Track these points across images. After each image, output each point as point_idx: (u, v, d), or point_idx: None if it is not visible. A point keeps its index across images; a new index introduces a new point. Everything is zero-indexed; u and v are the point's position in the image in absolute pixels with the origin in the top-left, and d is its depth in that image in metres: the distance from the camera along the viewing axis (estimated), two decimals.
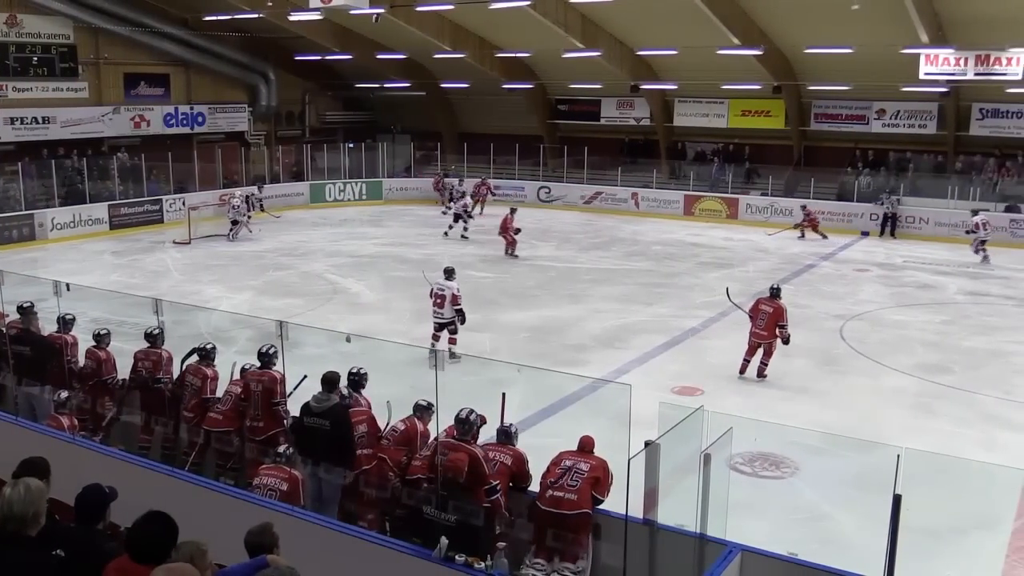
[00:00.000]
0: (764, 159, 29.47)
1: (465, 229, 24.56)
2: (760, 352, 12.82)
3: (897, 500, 4.98)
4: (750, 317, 12.95)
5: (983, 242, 22.02)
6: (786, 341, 12.73)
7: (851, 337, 15.00)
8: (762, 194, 28.52)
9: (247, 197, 25.55)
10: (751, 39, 24.46)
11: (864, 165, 27.93)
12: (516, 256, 21.89)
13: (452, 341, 13.64)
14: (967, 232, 22.75)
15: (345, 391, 7.80)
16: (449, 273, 14.06)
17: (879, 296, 18.29)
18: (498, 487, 6.69)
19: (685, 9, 22.92)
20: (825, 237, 24.85)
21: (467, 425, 6.91)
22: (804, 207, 25.73)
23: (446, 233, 24.69)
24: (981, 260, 21.85)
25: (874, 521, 5.22)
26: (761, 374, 12.80)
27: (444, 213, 27.22)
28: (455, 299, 13.63)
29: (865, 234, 25.72)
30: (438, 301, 13.73)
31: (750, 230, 26.55)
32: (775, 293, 13.02)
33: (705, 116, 30.29)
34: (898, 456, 4.82)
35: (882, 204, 25.68)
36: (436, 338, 13.74)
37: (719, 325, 15.84)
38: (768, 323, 12.68)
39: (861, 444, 9.14)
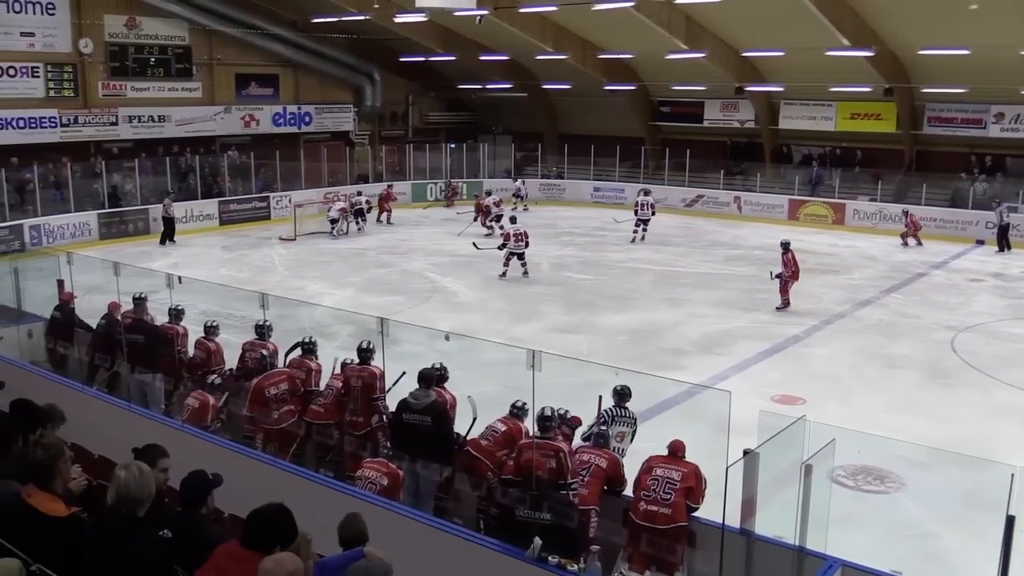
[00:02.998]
0: (874, 163, 28.63)
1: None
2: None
3: (1010, 521, 4.79)
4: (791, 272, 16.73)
5: (645, 222, 24.49)
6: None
7: (963, 349, 14.44)
8: (871, 199, 27.70)
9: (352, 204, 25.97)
10: (862, 40, 23.78)
11: (980, 171, 26.85)
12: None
13: (525, 263, 19.45)
14: (634, 211, 24.90)
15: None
16: (513, 219, 20.59)
17: (994, 307, 17.55)
18: (574, 485, 6.67)
19: (793, 9, 22.42)
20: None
21: (548, 422, 6.92)
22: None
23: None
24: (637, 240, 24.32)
25: (984, 542, 5.03)
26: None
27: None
28: (528, 234, 19.44)
29: (980, 243, 24.65)
30: (519, 237, 19.22)
31: (857, 236, 25.81)
32: (787, 247, 17.07)
33: (812, 119, 29.57)
34: (1012, 475, 4.62)
35: (998, 212, 24.27)
36: (508, 264, 19.34)
37: (822, 333, 15.47)
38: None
39: (971, 461, 8.77)
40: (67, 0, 25.52)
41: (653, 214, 24.83)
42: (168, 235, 23.95)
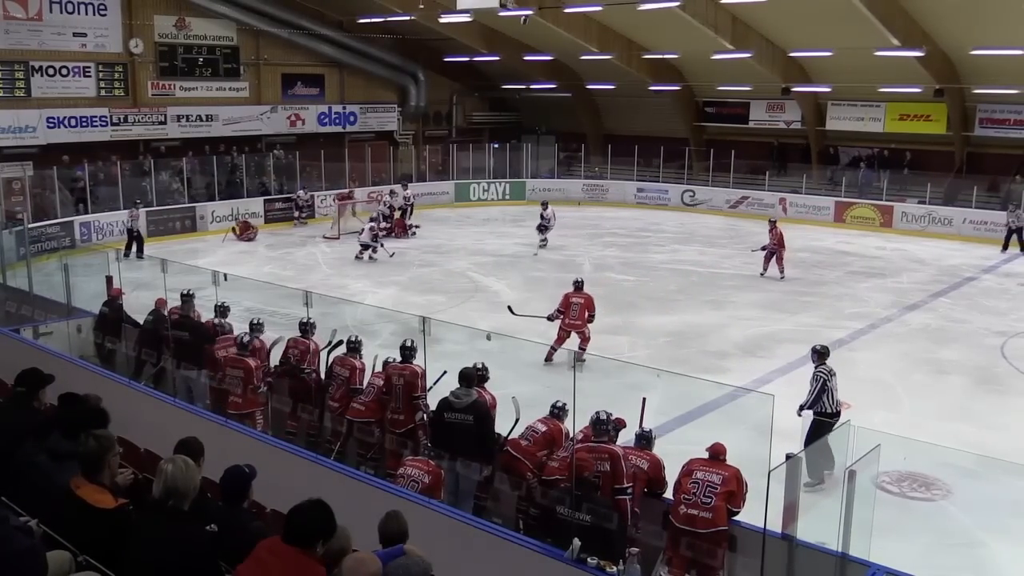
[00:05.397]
0: (923, 166, 28.15)
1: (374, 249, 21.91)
2: (573, 339, 13.59)
3: None
4: (560, 312, 13.69)
5: (545, 228, 23.51)
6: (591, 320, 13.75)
7: (1014, 355, 14.15)
8: (919, 202, 27.25)
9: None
10: (912, 40, 23.39)
11: None
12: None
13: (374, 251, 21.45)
14: (538, 228, 23.53)
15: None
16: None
17: None
18: (629, 490, 6.64)
19: (842, 8, 22.12)
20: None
21: (604, 426, 6.90)
22: None
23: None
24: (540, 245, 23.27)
25: None
26: (580, 358, 13.14)
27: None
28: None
29: None
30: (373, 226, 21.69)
31: (905, 239, 25.43)
32: (580, 286, 14.03)
33: (860, 120, 29.15)
34: None
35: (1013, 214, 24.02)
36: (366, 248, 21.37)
37: (869, 337, 15.26)
38: (580, 313, 13.55)
39: (1021, 469, 8.61)
40: (118, 1, 25.95)
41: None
42: (134, 247, 21.23)
